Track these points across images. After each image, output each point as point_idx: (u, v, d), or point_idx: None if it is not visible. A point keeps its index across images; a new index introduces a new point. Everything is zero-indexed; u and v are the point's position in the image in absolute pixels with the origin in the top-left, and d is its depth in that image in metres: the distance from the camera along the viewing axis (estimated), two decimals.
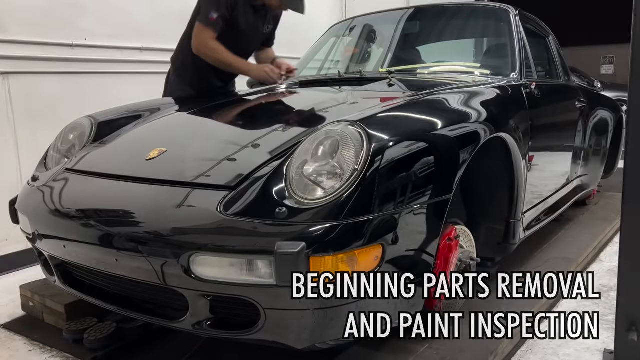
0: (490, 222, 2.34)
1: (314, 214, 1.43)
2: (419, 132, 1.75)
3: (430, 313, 1.89)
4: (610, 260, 3.07)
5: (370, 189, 1.48)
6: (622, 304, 1.74)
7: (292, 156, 1.59)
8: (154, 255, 1.58)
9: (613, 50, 10.86)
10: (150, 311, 1.74)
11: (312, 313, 1.45)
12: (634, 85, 1.61)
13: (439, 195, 1.69)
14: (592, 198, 4.18)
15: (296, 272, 1.36)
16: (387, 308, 1.61)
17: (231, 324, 1.57)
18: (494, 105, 2.14)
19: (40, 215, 1.89)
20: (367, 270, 1.48)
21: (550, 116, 2.88)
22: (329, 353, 1.79)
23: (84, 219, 1.75)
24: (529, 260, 2.79)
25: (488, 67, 2.78)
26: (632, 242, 1.68)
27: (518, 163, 2.22)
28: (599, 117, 3.79)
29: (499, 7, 2.97)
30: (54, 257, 1.93)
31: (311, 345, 1.52)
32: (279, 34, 3.30)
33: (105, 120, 2.35)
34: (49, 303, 2.23)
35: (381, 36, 3.25)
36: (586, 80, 4.78)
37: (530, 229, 2.62)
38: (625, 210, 1.68)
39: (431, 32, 3.19)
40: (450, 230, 1.90)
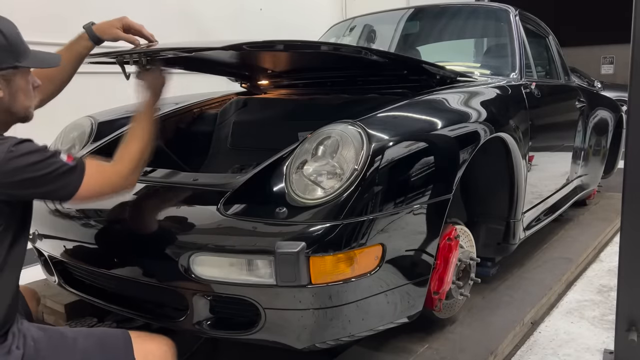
0: (490, 222, 2.34)
1: (313, 214, 1.43)
2: (419, 132, 1.75)
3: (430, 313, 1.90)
4: (610, 260, 3.07)
5: (370, 189, 1.48)
6: (622, 304, 1.74)
7: (292, 156, 1.59)
8: (154, 255, 1.58)
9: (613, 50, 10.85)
10: (150, 311, 1.74)
11: (312, 313, 1.45)
12: (634, 85, 1.61)
13: (438, 195, 1.69)
14: (592, 198, 4.18)
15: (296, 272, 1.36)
16: (387, 308, 1.61)
17: (231, 324, 1.57)
18: (493, 105, 2.14)
19: (40, 215, 1.89)
20: (367, 270, 1.49)
21: (550, 116, 2.88)
22: (329, 353, 1.79)
23: (84, 219, 1.75)
24: (529, 260, 2.79)
25: (488, 67, 2.78)
26: (632, 242, 1.68)
27: (518, 163, 2.22)
28: (599, 117, 3.79)
29: (499, 7, 2.97)
30: (54, 257, 1.93)
31: (311, 345, 1.52)
32: (279, 35, 3.30)
33: (105, 120, 2.35)
34: (49, 303, 2.23)
35: (381, 36, 3.25)
36: (586, 80, 4.77)
37: (530, 229, 2.62)
38: (625, 210, 1.68)
39: (431, 32, 3.19)
40: (450, 230, 1.90)
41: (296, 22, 5.30)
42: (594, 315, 2.34)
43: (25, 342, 1.23)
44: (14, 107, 1.27)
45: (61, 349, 1.26)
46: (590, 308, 2.42)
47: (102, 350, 1.29)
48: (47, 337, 1.28)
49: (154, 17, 3.53)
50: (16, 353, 1.20)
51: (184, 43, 1.77)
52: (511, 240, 2.35)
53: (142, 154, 1.48)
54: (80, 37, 1.68)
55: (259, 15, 5.09)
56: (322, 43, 1.89)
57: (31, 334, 1.26)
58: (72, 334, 1.31)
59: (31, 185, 1.19)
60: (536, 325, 2.24)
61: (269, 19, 5.14)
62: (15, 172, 1.16)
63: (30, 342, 1.24)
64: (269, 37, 1.63)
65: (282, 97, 2.61)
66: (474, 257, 2.05)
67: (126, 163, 1.43)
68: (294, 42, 1.72)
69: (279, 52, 1.95)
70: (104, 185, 1.35)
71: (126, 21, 1.69)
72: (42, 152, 1.22)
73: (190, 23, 4.44)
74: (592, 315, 2.34)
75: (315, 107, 2.33)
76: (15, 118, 1.30)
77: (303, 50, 1.91)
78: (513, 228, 2.33)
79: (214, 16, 4.65)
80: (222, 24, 4.73)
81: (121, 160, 1.44)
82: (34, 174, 1.19)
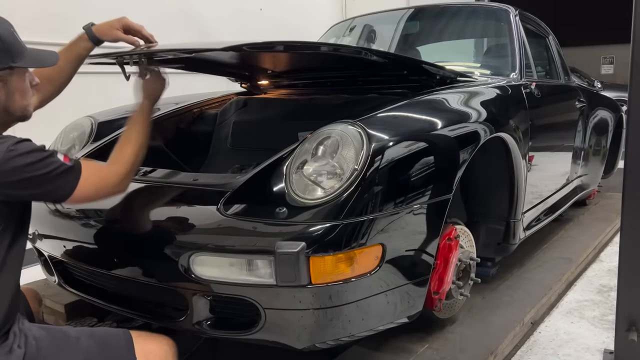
0: (490, 222, 2.34)
1: (313, 214, 1.43)
2: (419, 132, 1.75)
3: (430, 313, 1.90)
4: (610, 260, 3.07)
5: (370, 189, 1.48)
6: (622, 304, 1.74)
7: (292, 156, 1.59)
8: (154, 255, 1.58)
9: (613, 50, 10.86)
10: (150, 311, 1.74)
11: (312, 313, 1.45)
12: (634, 85, 1.61)
13: (438, 195, 1.69)
14: (592, 198, 4.18)
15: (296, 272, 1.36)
16: (387, 308, 1.61)
17: (231, 324, 1.57)
18: (493, 105, 2.14)
19: (40, 215, 1.89)
20: (367, 270, 1.49)
21: (550, 116, 2.88)
22: (329, 353, 1.79)
23: (84, 219, 1.75)
24: (529, 260, 2.79)
25: (488, 67, 2.78)
26: (632, 242, 1.68)
27: (518, 163, 2.22)
28: (599, 117, 3.79)
29: (499, 7, 2.97)
30: (54, 257, 1.93)
31: (311, 345, 1.52)
32: (279, 35, 3.30)
33: (105, 120, 2.35)
34: (49, 303, 2.22)
35: (381, 36, 3.25)
36: (586, 80, 4.77)
37: (530, 229, 2.62)
38: (625, 210, 1.68)
39: (431, 32, 3.19)
40: (450, 230, 1.90)
41: (296, 22, 5.30)
42: (594, 315, 2.34)
43: (26, 341, 1.23)
44: (12, 107, 1.27)
45: (63, 348, 1.26)
46: (590, 308, 2.42)
47: (104, 349, 1.29)
48: (49, 336, 1.28)
49: (154, 17, 3.53)
50: (18, 352, 1.20)
51: (184, 44, 1.77)
52: (511, 240, 2.35)
53: (137, 157, 1.50)
54: (79, 38, 1.68)
55: (259, 16, 5.09)
56: (322, 44, 1.89)
57: (32, 333, 1.26)
58: (74, 333, 1.32)
59: (30, 185, 1.19)
60: (536, 325, 2.24)
61: (269, 19, 5.14)
62: (14, 171, 1.16)
63: (32, 341, 1.24)
64: (269, 37, 1.63)
65: (282, 97, 2.61)
66: (474, 257, 2.05)
67: (121, 165, 1.44)
68: (294, 43, 1.72)
69: (279, 52, 1.95)
70: (99, 187, 1.35)
71: (126, 21, 1.69)
72: (41, 152, 1.22)
73: (190, 23, 4.44)
74: (592, 315, 2.34)
75: (315, 107, 2.34)
76: (14, 117, 1.30)
77: (303, 51, 1.91)
78: (513, 228, 2.33)
79: (214, 16, 4.65)
80: (222, 24, 4.73)
81: (116, 161, 1.45)
82: (32, 173, 1.19)
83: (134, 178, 1.83)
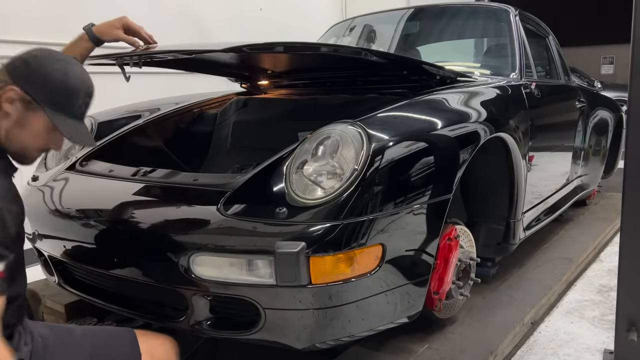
0: (490, 222, 2.34)
1: (313, 214, 1.43)
2: (419, 132, 1.75)
3: (430, 313, 1.90)
4: (610, 260, 3.07)
5: (370, 189, 1.48)
6: (622, 304, 1.74)
7: (292, 156, 1.59)
8: (153, 255, 1.58)
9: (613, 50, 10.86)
10: (150, 311, 1.74)
11: (312, 313, 1.45)
12: (634, 85, 1.61)
13: (438, 195, 1.69)
14: (592, 198, 4.18)
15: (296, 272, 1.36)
16: (387, 308, 1.61)
17: (231, 324, 1.57)
18: (493, 105, 2.14)
19: (40, 215, 1.89)
20: (367, 270, 1.49)
21: (550, 116, 2.88)
22: (329, 353, 1.79)
23: (84, 219, 1.75)
24: (529, 260, 2.79)
25: (488, 67, 2.78)
26: (632, 242, 1.68)
27: (518, 163, 2.22)
28: (599, 117, 3.79)
29: (499, 7, 2.97)
30: (54, 257, 1.93)
31: (311, 345, 1.52)
32: (279, 35, 3.30)
33: (105, 120, 2.35)
34: (49, 303, 2.22)
35: (381, 36, 3.25)
36: (586, 80, 4.77)
37: (530, 229, 2.62)
38: (625, 210, 1.68)
39: (431, 32, 3.19)
40: (450, 230, 1.90)
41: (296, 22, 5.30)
42: (594, 315, 2.34)
43: (32, 338, 1.23)
44: (12, 135, 1.20)
45: (69, 345, 1.26)
46: (590, 308, 2.42)
47: (109, 346, 1.29)
48: (54, 333, 1.28)
49: (154, 17, 3.53)
50: (24, 349, 1.20)
51: (184, 45, 1.77)
52: (511, 240, 2.35)
53: None
54: (80, 39, 1.68)
55: (259, 16, 5.09)
56: (322, 45, 1.89)
57: (38, 330, 1.26)
58: (79, 331, 1.32)
59: None
60: (536, 325, 2.24)
61: (269, 19, 5.14)
62: None
63: (37, 338, 1.24)
64: (269, 37, 1.64)
65: (282, 97, 2.62)
66: (474, 257, 2.05)
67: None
68: (294, 44, 1.72)
69: (278, 53, 1.95)
70: None
71: (126, 21, 1.69)
72: None
73: (190, 24, 4.44)
74: (592, 315, 2.34)
75: (315, 107, 2.34)
76: (10, 151, 1.23)
77: (303, 52, 1.91)
78: (513, 228, 2.33)
79: (214, 17, 4.65)
80: (222, 24, 4.73)
81: None
82: None
83: (134, 178, 1.83)
